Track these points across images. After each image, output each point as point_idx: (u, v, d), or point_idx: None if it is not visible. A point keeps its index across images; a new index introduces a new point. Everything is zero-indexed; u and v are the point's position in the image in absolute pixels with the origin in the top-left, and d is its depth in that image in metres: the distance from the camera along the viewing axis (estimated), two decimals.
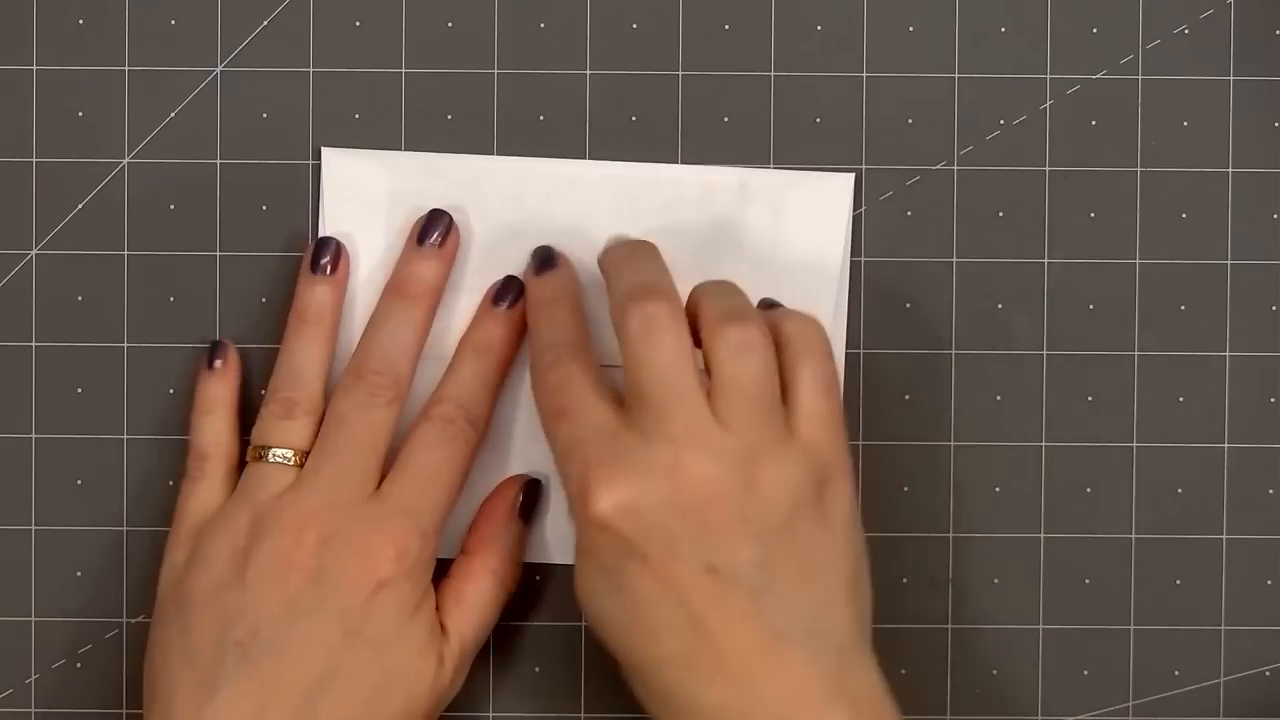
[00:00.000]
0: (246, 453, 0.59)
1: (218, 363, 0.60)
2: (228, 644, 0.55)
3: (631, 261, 0.58)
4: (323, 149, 0.61)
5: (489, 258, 0.61)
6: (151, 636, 0.58)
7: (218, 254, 0.62)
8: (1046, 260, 0.62)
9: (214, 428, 0.60)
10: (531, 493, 0.61)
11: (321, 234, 0.61)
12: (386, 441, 0.58)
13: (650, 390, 0.54)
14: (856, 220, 0.62)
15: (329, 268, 0.60)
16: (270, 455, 0.58)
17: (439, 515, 0.58)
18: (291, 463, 0.58)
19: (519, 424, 0.61)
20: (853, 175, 0.62)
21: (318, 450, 0.58)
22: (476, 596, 0.59)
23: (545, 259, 0.60)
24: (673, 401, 0.54)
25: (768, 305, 0.59)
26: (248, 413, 0.61)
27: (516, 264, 0.61)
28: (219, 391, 0.60)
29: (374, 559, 0.56)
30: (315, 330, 0.59)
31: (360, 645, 0.56)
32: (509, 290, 0.60)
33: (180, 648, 0.56)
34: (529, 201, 0.61)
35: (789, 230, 0.61)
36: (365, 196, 0.61)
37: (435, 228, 0.60)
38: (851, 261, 0.62)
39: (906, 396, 0.62)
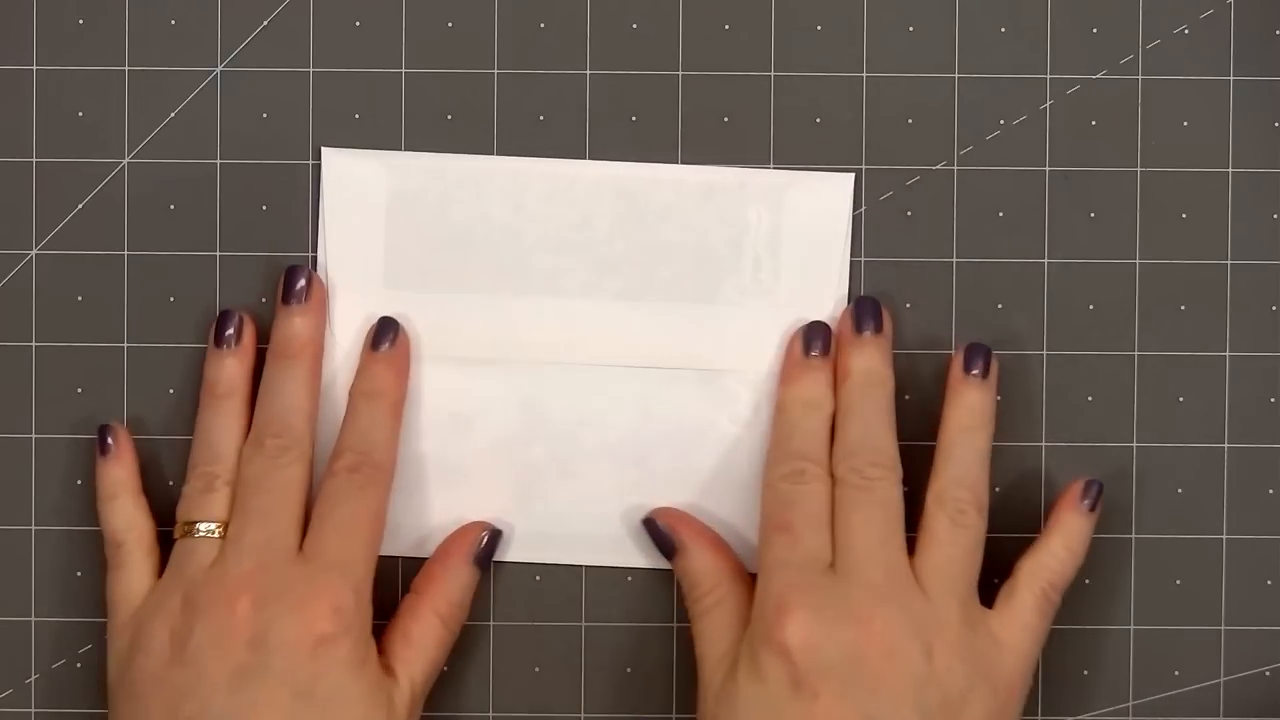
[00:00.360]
0: (175, 530, 0.59)
1: (110, 446, 0.60)
2: None
3: (875, 419, 0.59)
4: (323, 149, 0.61)
5: (490, 258, 0.61)
6: None
7: (218, 254, 0.62)
8: (1046, 260, 0.62)
9: (121, 513, 0.60)
10: (492, 541, 0.61)
11: (323, 237, 0.61)
12: (300, 499, 0.58)
13: (858, 539, 0.57)
14: (856, 220, 0.62)
15: (234, 340, 0.60)
16: (196, 530, 0.58)
17: (366, 565, 0.58)
18: (217, 534, 0.58)
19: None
20: (852, 175, 0.62)
21: (236, 519, 0.58)
22: (423, 637, 0.59)
23: (816, 337, 0.60)
24: (878, 553, 0.57)
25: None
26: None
27: (516, 263, 0.61)
28: (117, 475, 0.60)
29: (311, 617, 0.56)
30: (226, 404, 0.59)
31: (310, 704, 0.55)
32: (387, 331, 0.60)
33: None
34: (529, 201, 0.61)
35: (790, 230, 0.61)
36: (366, 196, 0.61)
37: (295, 282, 0.60)
38: (851, 261, 0.62)
39: (907, 396, 0.62)
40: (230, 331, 0.60)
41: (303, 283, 0.60)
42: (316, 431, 0.59)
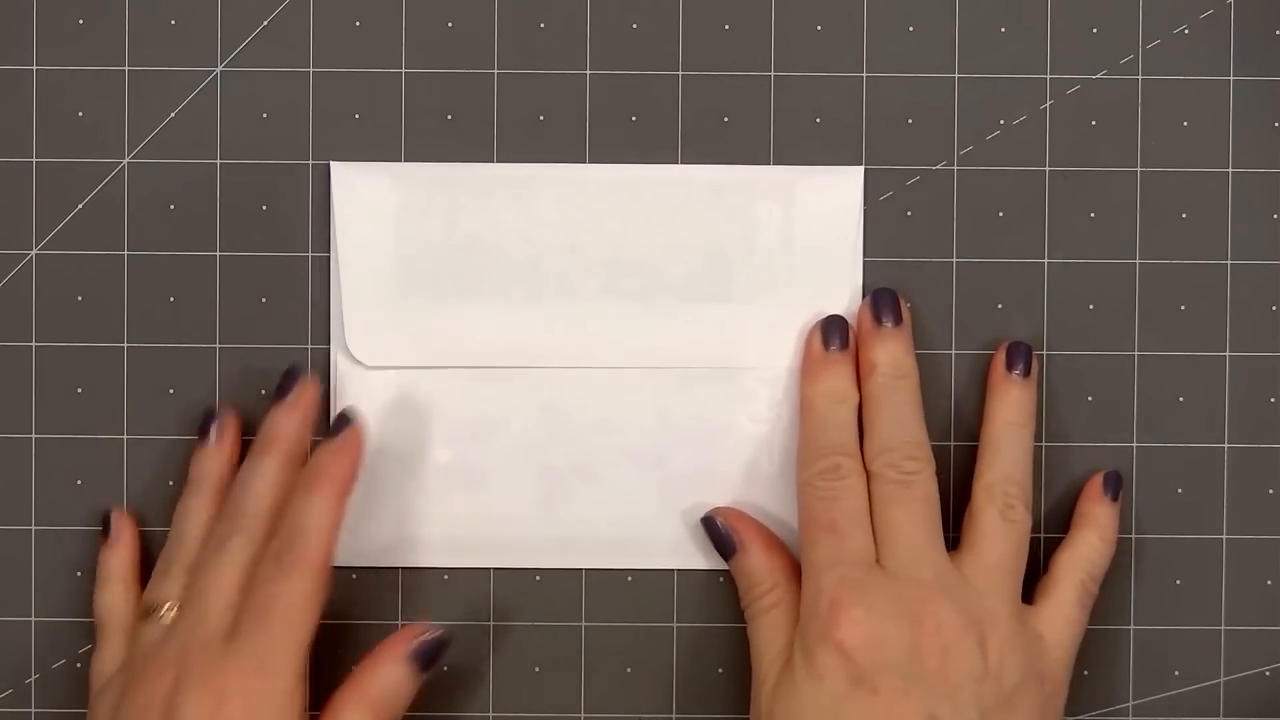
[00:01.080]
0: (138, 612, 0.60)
1: (111, 534, 0.61)
2: None
3: (906, 412, 0.59)
4: (331, 163, 0.61)
5: (502, 264, 0.61)
6: None
7: (218, 254, 0.62)
8: (1046, 260, 0.62)
9: (109, 598, 0.60)
10: (434, 643, 0.58)
11: (334, 249, 0.61)
12: (240, 582, 0.57)
13: (903, 536, 0.57)
14: None
15: (215, 438, 0.61)
16: (155, 613, 0.58)
17: (284, 648, 0.56)
18: (169, 616, 0.58)
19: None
20: (862, 169, 0.62)
21: (182, 600, 0.58)
22: None
23: (835, 332, 0.60)
24: (925, 550, 0.57)
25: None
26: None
27: (529, 268, 0.61)
28: (113, 564, 0.61)
29: (219, 699, 0.55)
30: (198, 499, 0.60)
31: None
32: (342, 423, 0.59)
33: None
34: (539, 206, 0.61)
35: (801, 225, 0.61)
36: (375, 208, 0.61)
37: (289, 385, 0.60)
38: None
39: None
40: (213, 431, 0.61)
41: (296, 387, 0.60)
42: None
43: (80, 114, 0.62)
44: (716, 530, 0.61)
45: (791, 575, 0.60)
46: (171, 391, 0.62)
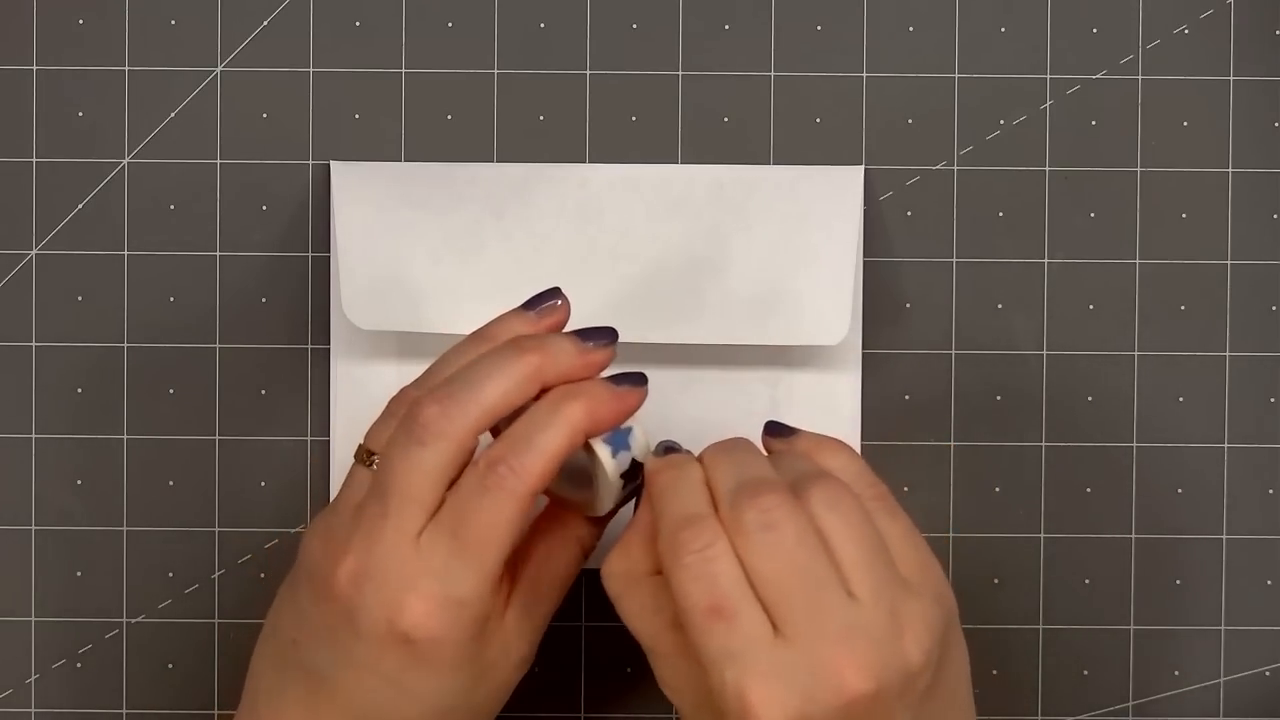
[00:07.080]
0: None
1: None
2: None
3: (733, 456, 0.53)
4: (331, 163, 0.61)
5: (502, 260, 0.61)
6: None
7: (218, 254, 0.62)
8: (1046, 260, 0.62)
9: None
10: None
11: (335, 247, 0.61)
12: (437, 481, 0.53)
13: (786, 593, 0.50)
14: None
15: (538, 315, 0.56)
16: (368, 461, 0.55)
17: (477, 568, 0.52)
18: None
19: None
20: (862, 168, 0.62)
21: (371, 485, 0.54)
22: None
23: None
24: (814, 599, 0.50)
25: (776, 432, 0.56)
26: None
27: (528, 270, 0.61)
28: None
29: (400, 605, 0.52)
30: (479, 346, 0.56)
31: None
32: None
33: None
34: (541, 205, 0.61)
35: (801, 223, 0.61)
36: (375, 209, 0.61)
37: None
38: None
39: (906, 396, 0.62)
40: (543, 306, 0.56)
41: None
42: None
43: (80, 114, 0.62)
44: None
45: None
46: (171, 391, 0.62)
